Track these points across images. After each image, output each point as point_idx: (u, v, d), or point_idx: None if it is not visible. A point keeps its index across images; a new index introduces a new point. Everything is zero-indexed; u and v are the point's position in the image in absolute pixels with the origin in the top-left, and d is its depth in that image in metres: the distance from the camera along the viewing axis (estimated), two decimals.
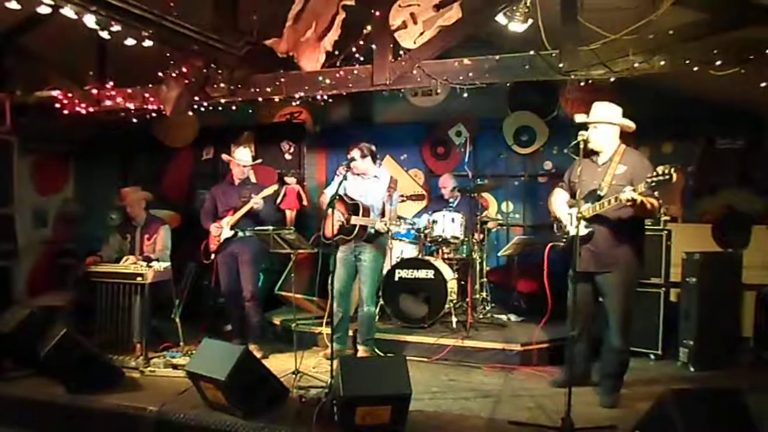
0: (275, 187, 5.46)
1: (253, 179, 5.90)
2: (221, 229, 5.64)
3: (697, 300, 5.25)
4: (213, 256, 5.75)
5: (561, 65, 4.69)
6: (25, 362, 4.90)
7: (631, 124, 4.28)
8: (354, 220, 5.12)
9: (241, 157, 5.77)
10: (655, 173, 3.69)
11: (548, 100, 7.18)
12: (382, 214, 5.19)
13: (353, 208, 5.18)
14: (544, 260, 4.49)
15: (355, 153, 5.23)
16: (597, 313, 4.45)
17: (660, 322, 5.43)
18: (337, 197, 4.94)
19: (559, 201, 4.57)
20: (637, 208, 3.91)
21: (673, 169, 3.61)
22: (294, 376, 4.67)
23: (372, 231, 5.11)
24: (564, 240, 4.46)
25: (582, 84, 4.83)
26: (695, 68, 4.33)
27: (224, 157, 5.93)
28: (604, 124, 4.25)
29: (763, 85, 4.24)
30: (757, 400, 3.30)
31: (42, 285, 7.07)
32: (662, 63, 4.41)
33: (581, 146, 3.90)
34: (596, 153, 4.33)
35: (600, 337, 4.49)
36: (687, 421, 3.06)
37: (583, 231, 4.14)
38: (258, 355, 5.17)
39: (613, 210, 4.08)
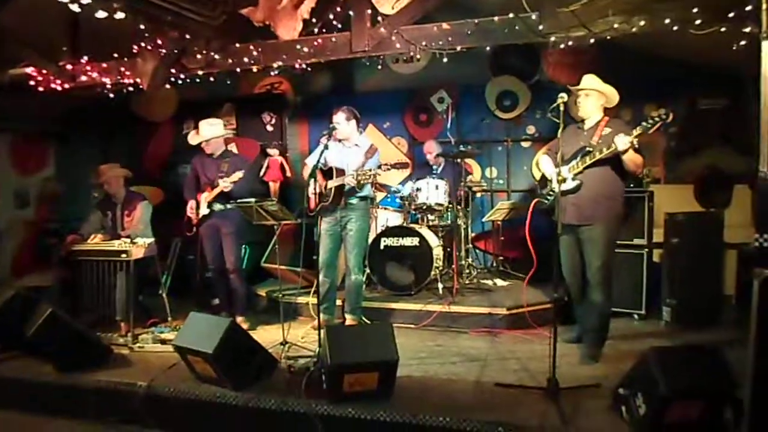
0: (240, 174, 5.38)
1: (234, 150, 5.83)
2: (194, 208, 5.66)
3: (679, 260, 5.32)
4: (194, 229, 5.74)
5: (541, 27, 4.64)
6: (11, 343, 4.87)
7: (615, 97, 4.44)
8: (329, 183, 5.12)
9: (206, 133, 5.67)
10: (651, 116, 4.01)
11: (530, 64, 7.14)
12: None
13: (330, 174, 5.16)
14: (527, 215, 4.52)
15: (339, 116, 5.19)
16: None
17: (643, 283, 5.51)
18: (318, 167, 4.92)
19: (546, 163, 4.68)
20: (629, 157, 4.12)
21: (669, 111, 3.97)
22: (282, 347, 4.69)
23: (352, 189, 5.07)
24: (549, 198, 4.54)
25: (563, 47, 4.80)
26: (675, 28, 4.31)
27: (190, 140, 5.85)
28: (594, 93, 4.41)
29: (743, 43, 4.22)
30: (737, 357, 3.37)
31: (26, 265, 7.04)
32: (642, 23, 4.37)
33: (561, 108, 3.89)
34: (582, 120, 4.52)
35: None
36: (669, 378, 3.12)
37: (572, 184, 4.34)
38: (245, 326, 5.20)
39: (602, 164, 4.26)
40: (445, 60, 5.11)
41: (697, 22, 4.21)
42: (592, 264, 4.36)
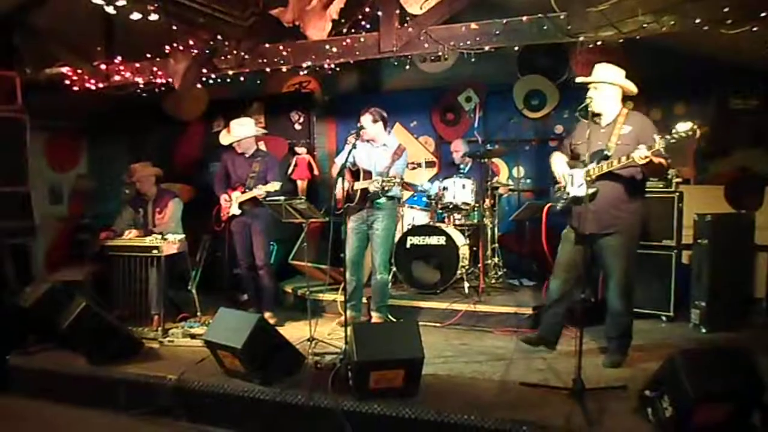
0: (277, 186, 5.42)
1: (264, 148, 5.91)
2: (230, 202, 5.71)
3: (709, 262, 5.25)
4: (223, 224, 5.84)
5: (569, 27, 4.63)
6: (47, 336, 5.01)
7: (632, 87, 4.20)
8: (356, 185, 5.18)
9: (238, 133, 5.72)
10: (675, 130, 3.65)
11: (558, 63, 7.10)
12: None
13: (357, 174, 5.23)
14: (543, 221, 4.48)
15: (366, 118, 5.24)
16: (583, 277, 4.29)
17: (672, 284, 5.45)
18: (347, 167, 4.97)
19: (558, 163, 4.51)
20: (648, 166, 3.87)
21: (696, 127, 3.58)
22: (309, 343, 4.75)
23: (375, 193, 5.11)
24: (562, 201, 4.38)
25: (591, 46, 4.77)
26: (705, 27, 4.26)
27: (222, 140, 5.91)
28: (607, 85, 4.18)
29: None
30: (766, 360, 3.34)
31: (60, 260, 7.19)
32: (672, 23, 4.33)
33: (590, 108, 3.87)
34: (598, 115, 4.26)
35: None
36: (696, 381, 3.10)
37: (588, 191, 4.07)
38: (272, 322, 5.27)
39: (619, 170, 4.05)
40: (472, 59, 5.12)
41: (728, 21, 4.16)
42: (614, 273, 4.22)
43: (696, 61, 5.96)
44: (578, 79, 4.27)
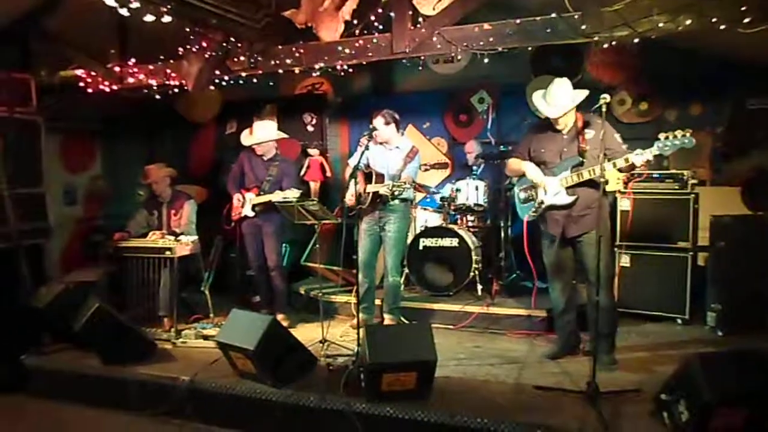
0: (297, 194, 5.39)
1: (278, 151, 5.92)
2: (242, 201, 5.75)
3: (725, 263, 5.19)
4: (233, 224, 5.87)
5: (583, 27, 4.59)
6: (61, 336, 5.06)
7: (582, 98, 4.31)
8: (368, 188, 5.17)
9: (260, 135, 5.74)
10: (674, 136, 3.80)
11: (572, 64, 7.01)
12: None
13: (369, 176, 5.23)
14: (524, 231, 4.51)
15: (378, 121, 5.23)
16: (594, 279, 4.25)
17: (687, 287, 5.38)
18: (359, 169, 4.96)
19: (534, 169, 4.44)
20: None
21: (691, 139, 3.77)
22: (321, 345, 4.74)
23: (386, 196, 5.08)
24: (534, 210, 4.46)
25: (606, 46, 4.73)
26: (723, 27, 4.21)
27: (243, 140, 5.92)
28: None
29: None
30: None
31: (74, 261, 7.23)
32: (688, 22, 4.27)
33: (604, 109, 3.84)
34: (552, 119, 4.38)
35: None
36: (713, 385, 3.06)
37: (568, 199, 4.26)
38: (285, 324, 5.26)
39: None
40: (485, 60, 5.10)
41: (746, 20, 4.10)
42: (596, 269, 4.14)
43: (712, 61, 5.89)
44: (551, 118, 4.36)
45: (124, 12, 4.71)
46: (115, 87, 6.22)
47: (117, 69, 6.16)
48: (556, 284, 4.53)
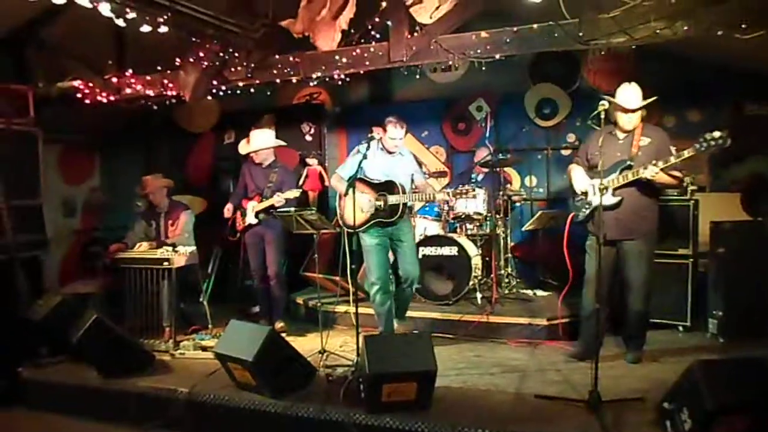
0: (297, 193, 5.49)
1: (278, 160, 5.94)
2: (231, 211, 5.83)
3: (726, 270, 5.17)
4: (238, 235, 5.88)
5: (581, 34, 4.60)
6: (58, 349, 5.02)
7: (650, 101, 4.36)
8: (390, 199, 4.92)
9: (257, 143, 5.77)
10: (704, 138, 3.97)
11: (570, 71, 7.05)
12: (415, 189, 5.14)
13: (384, 187, 4.99)
14: (566, 230, 4.49)
15: (397, 130, 4.94)
16: (628, 285, 4.52)
17: (688, 294, 5.34)
18: (358, 178, 4.83)
19: (579, 176, 4.62)
20: (659, 181, 4.20)
21: (726, 135, 3.96)
22: (320, 355, 4.71)
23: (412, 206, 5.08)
24: (584, 210, 4.52)
25: (603, 53, 4.73)
26: (719, 33, 4.21)
27: (241, 149, 5.93)
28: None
29: None
30: None
31: (72, 273, 7.22)
32: (685, 29, 4.29)
33: (602, 116, 3.83)
34: (614, 123, 4.44)
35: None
36: (715, 393, 3.04)
37: (613, 200, 4.31)
38: (283, 331, 5.26)
39: (643, 180, 4.23)
40: (483, 68, 5.10)
41: (743, 26, 4.11)
42: (636, 277, 4.40)
43: (710, 67, 5.90)
44: (628, 110, 4.34)
45: (120, 23, 4.71)
46: (112, 98, 6.23)
47: (114, 80, 6.17)
48: (590, 290, 4.50)
